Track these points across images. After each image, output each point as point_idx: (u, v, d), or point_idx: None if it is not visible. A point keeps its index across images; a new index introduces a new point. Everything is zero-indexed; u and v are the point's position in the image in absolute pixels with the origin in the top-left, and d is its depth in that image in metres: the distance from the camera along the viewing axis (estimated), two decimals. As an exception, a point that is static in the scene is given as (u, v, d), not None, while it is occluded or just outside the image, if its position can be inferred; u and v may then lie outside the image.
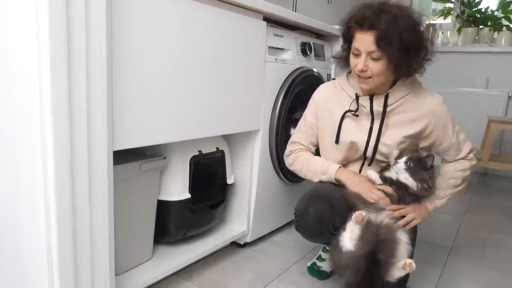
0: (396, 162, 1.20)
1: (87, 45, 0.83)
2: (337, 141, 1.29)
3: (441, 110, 1.24)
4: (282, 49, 1.62)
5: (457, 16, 3.51)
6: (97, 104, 0.88)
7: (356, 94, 1.27)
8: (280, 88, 1.60)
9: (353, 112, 1.27)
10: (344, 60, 1.29)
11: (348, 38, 1.22)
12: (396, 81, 1.24)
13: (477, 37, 3.44)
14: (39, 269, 0.89)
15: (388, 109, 1.23)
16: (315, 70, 1.79)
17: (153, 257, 1.34)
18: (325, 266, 1.47)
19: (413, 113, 1.23)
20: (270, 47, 1.53)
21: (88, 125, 0.87)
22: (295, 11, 2.57)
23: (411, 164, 1.17)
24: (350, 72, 1.30)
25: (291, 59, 1.66)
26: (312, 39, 1.82)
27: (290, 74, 1.65)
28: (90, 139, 0.88)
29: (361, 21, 1.12)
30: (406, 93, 1.23)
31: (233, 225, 1.65)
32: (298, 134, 1.42)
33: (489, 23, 3.40)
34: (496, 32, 3.37)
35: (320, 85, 1.42)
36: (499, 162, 2.80)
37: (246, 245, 1.67)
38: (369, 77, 1.17)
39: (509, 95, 3.16)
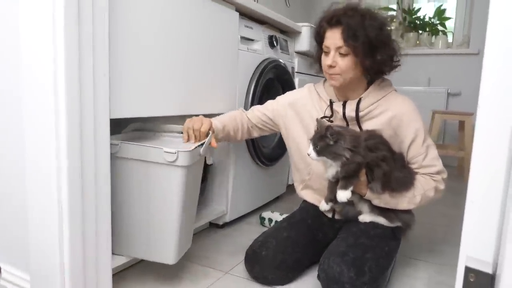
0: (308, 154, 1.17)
1: (93, 33, 0.93)
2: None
3: (410, 114, 1.24)
4: (252, 40, 1.76)
5: (400, 23, 3.86)
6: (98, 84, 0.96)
7: (330, 100, 1.30)
8: (252, 76, 1.73)
9: (327, 118, 1.30)
10: (316, 61, 1.32)
11: (319, 40, 1.26)
12: (369, 86, 1.27)
13: (418, 41, 3.81)
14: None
15: (360, 114, 1.25)
16: (282, 61, 1.94)
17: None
18: None
19: (386, 117, 1.24)
20: (242, 37, 1.66)
21: (94, 95, 0.96)
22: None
23: (317, 146, 1.14)
24: (326, 80, 1.33)
25: (260, 49, 1.80)
26: (277, 34, 1.98)
27: (260, 63, 1.78)
28: (95, 105, 0.96)
29: (330, 19, 1.19)
30: (379, 97, 1.25)
31: (213, 206, 1.73)
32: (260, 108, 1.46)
33: (427, 29, 3.78)
34: (434, 36, 3.76)
35: (294, 90, 1.46)
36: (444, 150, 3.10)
37: (225, 225, 1.75)
38: (338, 74, 1.21)
39: (448, 91, 3.52)
